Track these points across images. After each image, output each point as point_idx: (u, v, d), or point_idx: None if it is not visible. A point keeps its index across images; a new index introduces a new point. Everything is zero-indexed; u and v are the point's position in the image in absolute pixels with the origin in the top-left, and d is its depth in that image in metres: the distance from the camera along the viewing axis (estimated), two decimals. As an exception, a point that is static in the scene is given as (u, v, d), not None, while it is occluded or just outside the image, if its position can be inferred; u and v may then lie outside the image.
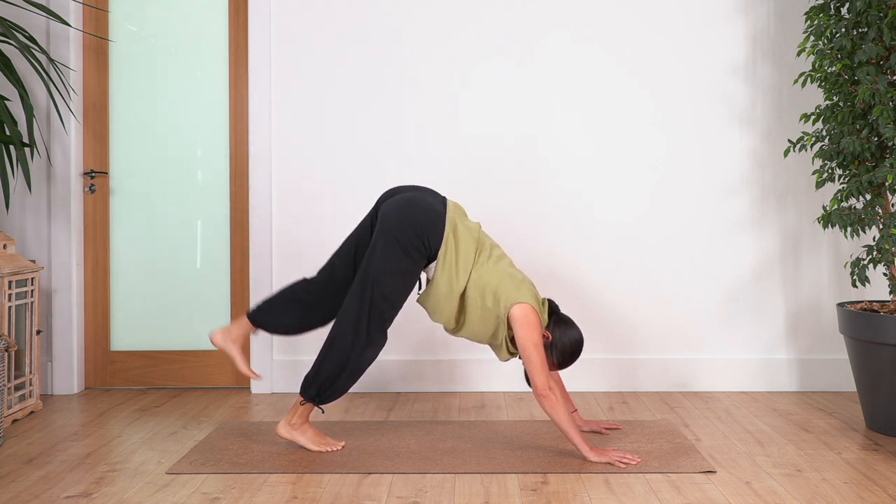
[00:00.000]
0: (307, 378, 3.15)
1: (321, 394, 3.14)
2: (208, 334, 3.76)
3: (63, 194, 4.13)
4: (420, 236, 3.07)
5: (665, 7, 4.14)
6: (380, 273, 3.07)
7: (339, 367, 3.10)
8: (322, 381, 3.12)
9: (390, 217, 3.11)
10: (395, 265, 3.07)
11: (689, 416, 3.68)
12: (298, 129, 4.16)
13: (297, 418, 3.18)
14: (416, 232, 3.07)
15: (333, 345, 3.11)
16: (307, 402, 3.16)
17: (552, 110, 4.15)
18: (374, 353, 3.13)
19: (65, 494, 2.71)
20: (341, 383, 3.13)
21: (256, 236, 4.14)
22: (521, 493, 2.70)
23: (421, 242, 3.08)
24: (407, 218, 3.09)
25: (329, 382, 3.12)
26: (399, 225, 3.08)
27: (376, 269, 3.07)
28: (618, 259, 4.16)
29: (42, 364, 4.12)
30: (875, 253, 3.42)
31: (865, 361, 3.40)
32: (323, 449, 3.15)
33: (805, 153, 4.11)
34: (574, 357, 3.15)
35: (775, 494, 2.70)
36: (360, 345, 3.09)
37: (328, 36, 4.15)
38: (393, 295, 3.10)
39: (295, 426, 3.17)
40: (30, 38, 3.79)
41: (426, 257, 3.11)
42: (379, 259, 3.07)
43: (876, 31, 3.34)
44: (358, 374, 3.14)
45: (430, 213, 3.11)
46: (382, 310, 3.09)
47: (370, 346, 3.11)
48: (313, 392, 3.14)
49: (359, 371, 3.14)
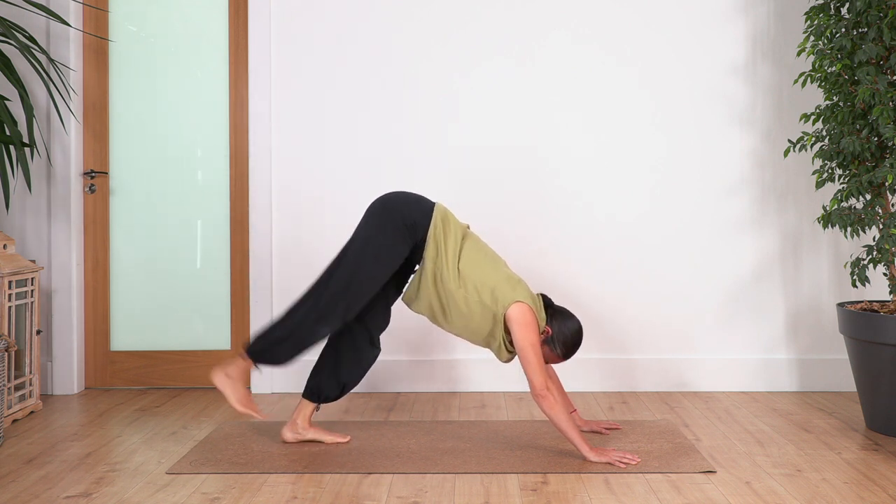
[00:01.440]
0: (257, 333, 3.15)
1: (263, 352, 3.12)
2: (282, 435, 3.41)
3: (63, 194, 4.13)
4: (404, 219, 3.08)
5: (665, 7, 4.14)
6: (359, 253, 3.07)
7: (288, 331, 3.09)
8: (269, 340, 3.11)
9: (375, 206, 3.16)
10: (376, 247, 3.07)
11: (689, 416, 3.68)
12: (298, 128, 4.16)
13: (233, 369, 3.16)
14: (401, 215, 3.09)
15: (292, 307, 3.13)
16: (247, 356, 3.14)
17: (552, 110, 4.15)
18: (325, 328, 3.08)
19: (65, 494, 2.71)
20: (283, 350, 3.10)
21: (256, 236, 4.14)
22: (521, 493, 2.70)
23: (404, 225, 3.08)
24: (392, 203, 3.13)
25: (275, 343, 3.10)
26: (383, 211, 3.11)
27: (358, 250, 3.08)
28: (618, 259, 4.16)
29: (42, 364, 4.12)
30: (875, 253, 3.42)
31: (865, 361, 3.40)
32: (244, 411, 3.13)
33: (805, 153, 4.11)
34: (577, 346, 3.17)
35: (775, 494, 2.70)
36: (314, 315, 3.07)
37: (328, 36, 4.15)
38: (365, 275, 3.07)
39: (230, 375, 3.15)
40: (30, 38, 3.79)
41: (410, 241, 3.09)
42: (357, 241, 3.09)
43: (876, 31, 3.34)
44: (303, 345, 3.10)
45: (417, 200, 3.16)
46: (350, 287, 3.06)
47: (323, 320, 3.07)
48: (257, 348, 3.13)
49: (304, 342, 3.09)
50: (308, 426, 3.23)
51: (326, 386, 3.21)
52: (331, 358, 3.22)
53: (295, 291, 4.13)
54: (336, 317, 3.08)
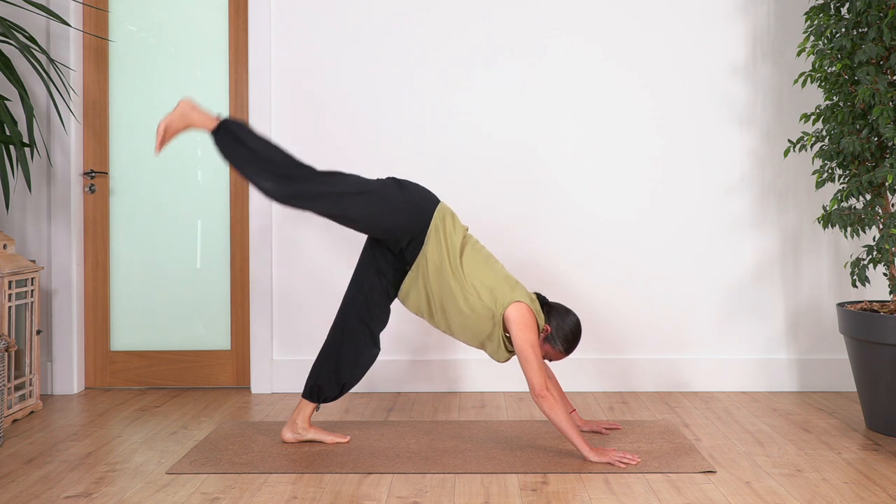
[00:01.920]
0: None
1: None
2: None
3: (63, 194, 4.13)
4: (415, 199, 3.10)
5: (664, 8, 4.14)
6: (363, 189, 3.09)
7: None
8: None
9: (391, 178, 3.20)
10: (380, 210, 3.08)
11: (689, 416, 3.68)
12: (298, 128, 4.16)
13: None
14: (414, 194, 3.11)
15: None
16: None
17: (552, 111, 4.15)
18: (269, 181, 3.05)
19: (65, 494, 2.71)
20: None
21: (256, 236, 4.14)
22: (521, 493, 2.70)
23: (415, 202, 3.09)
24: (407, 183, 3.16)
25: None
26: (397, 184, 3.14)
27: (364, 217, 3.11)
28: (618, 259, 4.16)
29: (42, 364, 4.12)
30: (875, 253, 3.42)
31: (865, 361, 3.40)
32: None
33: (805, 153, 4.11)
34: (577, 340, 3.18)
35: (775, 494, 2.70)
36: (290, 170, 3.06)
37: (328, 36, 4.15)
38: (358, 200, 3.06)
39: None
40: (30, 38, 3.79)
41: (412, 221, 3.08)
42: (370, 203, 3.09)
43: (876, 31, 3.34)
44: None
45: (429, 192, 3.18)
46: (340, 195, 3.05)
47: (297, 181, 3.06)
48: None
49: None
50: (308, 426, 3.24)
51: (326, 386, 3.21)
52: (330, 358, 3.22)
53: (295, 291, 4.15)
54: (302, 185, 3.06)
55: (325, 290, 4.11)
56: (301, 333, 4.15)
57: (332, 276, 4.09)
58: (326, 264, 4.14)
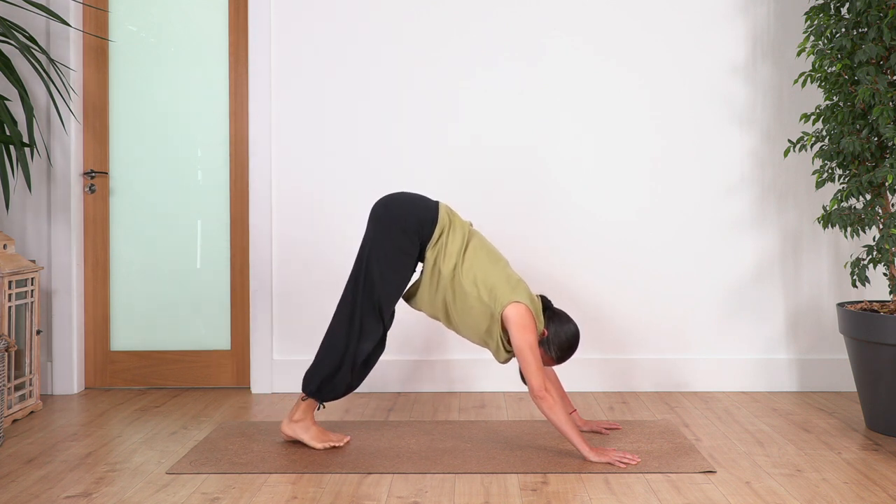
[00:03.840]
0: (308, 373, 3.17)
1: (322, 389, 3.15)
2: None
3: (63, 194, 4.13)
4: (410, 221, 3.08)
5: (664, 8, 4.14)
6: (373, 261, 3.07)
7: (338, 360, 3.11)
8: (323, 376, 3.13)
9: (378, 211, 3.14)
10: (388, 252, 3.07)
11: (689, 416, 3.68)
12: (298, 128, 4.16)
13: (299, 414, 3.19)
14: (406, 217, 3.09)
15: (330, 337, 3.13)
16: (308, 397, 3.17)
17: (552, 110, 4.15)
18: (369, 344, 3.11)
19: (65, 494, 2.71)
20: (341, 378, 3.13)
21: (256, 236, 4.14)
22: (521, 493, 2.70)
23: (411, 226, 3.08)
24: (395, 206, 3.13)
25: (329, 377, 3.13)
26: (388, 215, 3.11)
27: (370, 258, 3.08)
28: (618, 259, 4.16)
29: (42, 364, 4.12)
30: (875, 253, 3.42)
31: (865, 361, 3.40)
32: (326, 445, 3.15)
33: (805, 153, 4.11)
34: (572, 350, 3.15)
35: (775, 494, 2.70)
36: (355, 336, 3.09)
37: (328, 36, 4.15)
38: (386, 282, 3.08)
39: (297, 422, 3.18)
40: (30, 38, 3.79)
41: (418, 241, 3.10)
42: (372, 248, 3.08)
43: (876, 31, 3.34)
44: (357, 368, 3.13)
45: (420, 200, 3.16)
46: (375, 299, 3.08)
47: (364, 336, 3.10)
48: (314, 387, 3.14)
49: (357, 365, 3.13)
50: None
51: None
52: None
53: (295, 291, 4.15)
54: (375, 329, 3.11)
55: (325, 290, 4.11)
56: (301, 333, 4.15)
57: (333, 276, 4.09)
58: (326, 264, 4.14)
